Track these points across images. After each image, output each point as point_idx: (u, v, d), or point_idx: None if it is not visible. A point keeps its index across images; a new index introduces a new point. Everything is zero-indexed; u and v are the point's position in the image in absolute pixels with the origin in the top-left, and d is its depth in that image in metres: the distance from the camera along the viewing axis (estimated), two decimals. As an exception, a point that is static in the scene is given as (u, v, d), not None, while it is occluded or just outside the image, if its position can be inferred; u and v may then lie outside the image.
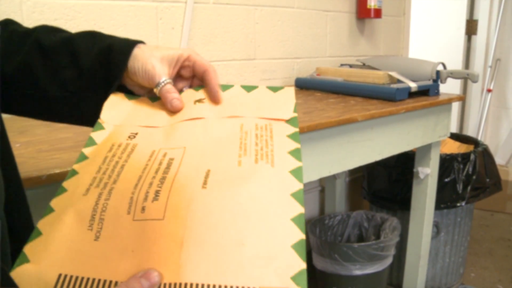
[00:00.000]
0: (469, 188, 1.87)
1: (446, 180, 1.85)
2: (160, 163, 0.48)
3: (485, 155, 1.94)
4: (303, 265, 0.40)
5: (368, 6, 2.10)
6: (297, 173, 0.49)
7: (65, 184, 0.48)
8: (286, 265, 0.40)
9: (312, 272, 1.91)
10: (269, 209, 0.44)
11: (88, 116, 0.61)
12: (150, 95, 0.62)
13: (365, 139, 1.33)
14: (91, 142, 0.54)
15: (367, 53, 2.28)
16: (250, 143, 0.51)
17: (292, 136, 0.53)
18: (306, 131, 1.09)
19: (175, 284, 0.39)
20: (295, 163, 0.50)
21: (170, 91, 0.58)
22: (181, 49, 0.60)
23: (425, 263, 1.86)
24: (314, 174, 1.20)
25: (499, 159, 3.20)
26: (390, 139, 1.43)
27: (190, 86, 0.64)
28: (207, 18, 1.61)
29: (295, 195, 0.45)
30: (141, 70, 0.57)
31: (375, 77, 1.58)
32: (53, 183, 0.74)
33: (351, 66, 1.87)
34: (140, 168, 0.47)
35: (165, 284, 0.39)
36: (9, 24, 0.61)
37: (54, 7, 1.27)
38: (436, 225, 1.91)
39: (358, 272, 1.71)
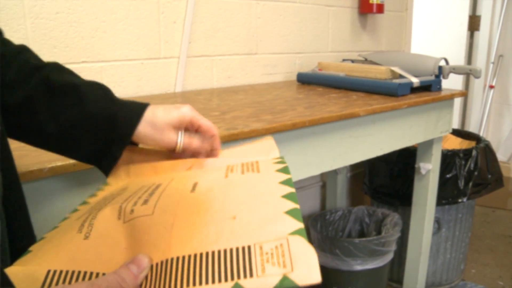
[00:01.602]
0: (470, 184, 1.87)
1: (448, 176, 1.85)
2: (149, 187, 0.50)
3: (487, 151, 1.94)
4: (301, 225, 0.39)
5: (371, 1, 2.09)
6: (288, 182, 0.48)
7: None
8: (282, 225, 0.39)
9: (313, 267, 1.91)
10: (261, 192, 0.44)
11: (77, 156, 0.60)
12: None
13: (367, 134, 1.33)
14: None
15: (369, 48, 2.28)
16: (236, 169, 0.52)
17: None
18: (308, 125, 1.09)
19: (166, 261, 0.38)
20: (284, 176, 0.49)
21: (191, 144, 0.60)
22: (180, 109, 0.59)
23: (426, 259, 1.86)
24: (315, 168, 1.20)
25: (501, 156, 3.19)
26: (392, 134, 1.43)
27: None
28: (209, 12, 1.61)
29: (287, 196, 0.44)
30: (150, 141, 0.58)
31: (377, 72, 1.58)
32: (55, 176, 0.74)
33: (353, 61, 1.86)
34: (125, 198, 0.48)
35: (157, 264, 0.39)
36: (24, 52, 0.60)
37: (55, 0, 1.27)
38: (437, 221, 1.91)
39: (359, 267, 1.71)
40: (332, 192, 2.17)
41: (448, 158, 1.84)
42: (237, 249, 0.38)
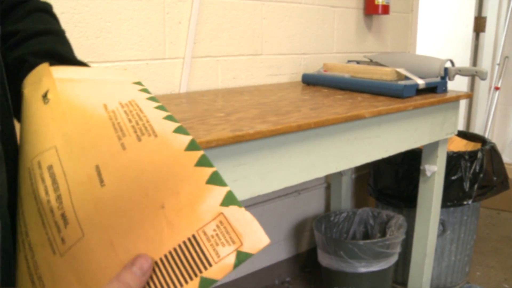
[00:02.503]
0: (476, 186, 1.86)
1: (453, 178, 1.84)
2: (43, 180, 0.42)
3: (493, 153, 1.93)
4: (225, 189, 0.39)
5: (376, 2, 2.08)
6: (180, 129, 0.45)
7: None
8: (211, 199, 0.38)
9: (318, 269, 1.91)
10: (172, 167, 0.41)
11: None
12: None
13: (372, 136, 1.32)
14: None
15: (375, 49, 2.27)
16: (123, 122, 0.45)
17: (150, 98, 0.48)
18: (314, 127, 1.08)
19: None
20: (174, 125, 0.45)
21: None
22: None
23: (431, 261, 1.85)
24: (321, 170, 1.20)
25: (507, 158, 3.18)
26: (397, 136, 1.42)
27: None
28: (214, 13, 1.60)
29: (200, 163, 0.42)
30: None
31: (382, 74, 1.57)
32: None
33: (358, 62, 1.86)
34: (32, 198, 0.43)
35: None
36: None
37: (61, 0, 1.27)
38: (442, 223, 1.90)
39: (363, 269, 1.70)
40: (336, 193, 2.17)
41: (454, 160, 1.83)
42: (185, 243, 0.37)
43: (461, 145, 2.17)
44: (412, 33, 2.49)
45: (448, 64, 1.62)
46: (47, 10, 0.63)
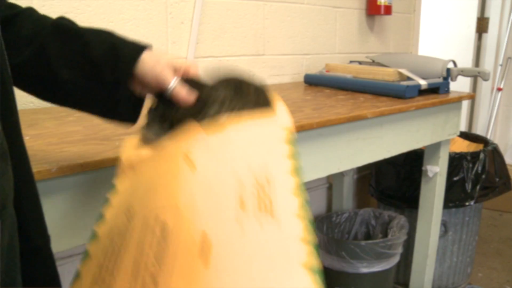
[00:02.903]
0: (478, 187, 1.86)
1: (455, 179, 1.84)
2: (153, 233, 0.43)
3: (495, 154, 1.92)
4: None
5: (378, 3, 2.08)
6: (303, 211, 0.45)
7: (81, 268, 0.49)
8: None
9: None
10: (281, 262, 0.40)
11: (96, 106, 0.66)
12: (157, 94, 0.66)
13: (374, 136, 1.32)
14: (102, 216, 0.54)
15: (377, 50, 2.27)
16: (249, 209, 0.44)
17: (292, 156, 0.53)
18: (316, 127, 1.09)
19: None
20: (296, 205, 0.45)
21: (180, 92, 0.63)
22: (187, 61, 0.67)
23: (433, 262, 1.85)
24: (322, 170, 1.20)
25: (509, 159, 3.17)
26: (399, 137, 1.42)
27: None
28: (217, 13, 1.61)
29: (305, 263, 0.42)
30: (150, 74, 0.62)
31: (384, 74, 1.57)
32: (63, 176, 0.74)
33: (360, 63, 1.86)
34: (134, 247, 0.43)
35: None
36: (35, 11, 0.66)
37: (64, 0, 1.27)
38: (444, 224, 1.90)
39: (365, 270, 1.70)
40: (338, 194, 2.16)
41: (456, 161, 1.83)
42: None
43: (463, 146, 2.16)
44: (414, 33, 2.49)
45: (450, 65, 1.62)
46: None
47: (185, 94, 0.62)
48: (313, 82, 1.76)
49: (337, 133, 1.20)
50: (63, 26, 0.62)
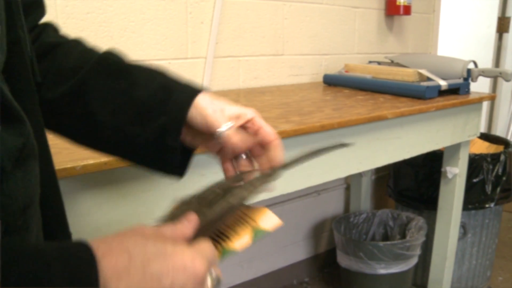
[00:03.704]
0: (498, 189, 1.84)
1: (475, 180, 1.82)
2: None
3: (516, 156, 1.90)
4: None
5: (398, 3, 2.07)
6: None
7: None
8: None
9: (336, 270, 1.90)
10: None
11: (140, 155, 0.57)
12: (206, 146, 0.58)
13: (394, 137, 1.32)
14: None
15: (396, 50, 2.25)
16: None
17: None
18: (337, 127, 1.09)
19: None
20: None
21: (234, 137, 0.54)
22: (244, 107, 0.56)
23: (451, 264, 1.83)
24: (342, 171, 1.20)
25: (529, 161, 3.12)
26: (419, 138, 1.41)
27: (247, 156, 0.58)
28: (236, 13, 1.61)
29: None
30: (199, 116, 0.53)
31: (404, 75, 1.56)
32: (87, 173, 0.76)
33: (379, 63, 1.85)
34: None
35: None
36: (83, 42, 0.61)
37: (86, 0, 1.28)
38: (463, 226, 1.88)
39: (382, 271, 1.69)
40: (356, 194, 2.16)
41: (475, 162, 1.81)
42: None
43: (483, 148, 2.14)
44: (434, 34, 2.47)
45: (471, 65, 1.61)
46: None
47: (237, 141, 0.53)
48: (332, 82, 1.76)
49: (357, 134, 1.20)
50: (109, 60, 0.56)
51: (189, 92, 0.54)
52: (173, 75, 0.57)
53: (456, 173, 1.68)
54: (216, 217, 0.49)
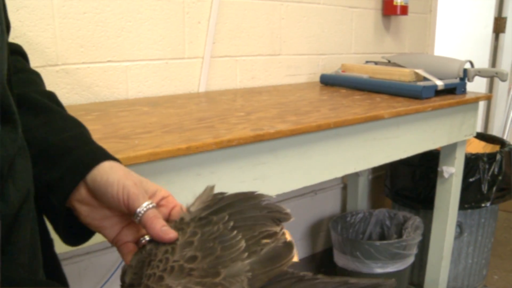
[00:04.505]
0: (494, 188, 1.84)
1: (471, 180, 1.83)
2: None
3: (512, 155, 1.91)
4: None
5: (395, 3, 2.08)
6: None
7: None
8: None
9: (333, 269, 1.91)
10: None
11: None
12: (101, 225, 0.49)
13: (391, 137, 1.32)
14: None
15: (393, 50, 2.26)
16: None
17: None
18: (333, 127, 1.09)
19: None
20: None
21: (158, 217, 0.46)
22: (158, 185, 0.50)
23: (448, 264, 1.84)
24: (339, 170, 1.20)
25: (525, 160, 3.14)
26: (416, 137, 1.42)
27: (151, 241, 0.47)
28: (233, 13, 1.61)
29: None
30: (116, 186, 0.46)
31: (401, 75, 1.57)
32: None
33: (376, 63, 1.85)
34: None
35: None
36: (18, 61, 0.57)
37: (83, 0, 1.29)
38: (459, 225, 1.89)
39: (379, 270, 1.70)
40: (353, 194, 2.16)
41: (472, 162, 1.82)
42: None
43: (479, 147, 2.15)
44: (431, 34, 2.48)
45: (467, 65, 1.61)
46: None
47: (161, 225, 0.45)
48: (329, 82, 1.76)
49: (354, 133, 1.20)
50: (35, 97, 0.52)
51: (100, 154, 0.48)
52: (89, 135, 0.52)
53: (452, 173, 1.69)
54: None
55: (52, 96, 0.55)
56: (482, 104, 3.29)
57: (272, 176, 1.02)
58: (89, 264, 1.43)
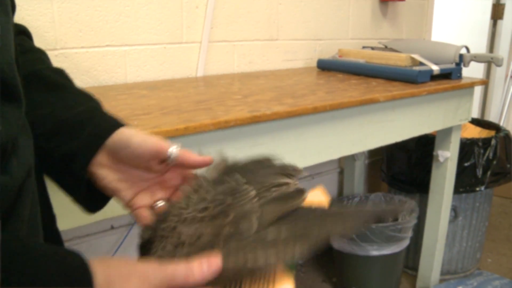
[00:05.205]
0: (489, 173, 1.87)
1: (466, 164, 1.85)
2: None
3: (507, 140, 1.93)
4: None
5: (392, -11, 2.08)
6: None
7: None
8: None
9: (329, 252, 1.94)
10: None
11: (45, 168, 0.52)
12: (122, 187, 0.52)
13: (386, 120, 1.34)
14: None
15: (390, 36, 2.27)
16: None
17: None
18: (329, 109, 1.11)
19: None
20: None
21: (187, 152, 0.51)
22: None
23: (442, 247, 1.87)
24: (335, 152, 1.22)
25: (521, 146, 3.16)
26: (411, 121, 1.44)
27: (168, 200, 0.53)
28: (231, -2, 1.62)
29: None
30: (144, 144, 0.50)
31: (397, 59, 1.58)
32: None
33: (373, 48, 1.86)
34: None
35: None
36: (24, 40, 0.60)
37: (82, -16, 1.29)
38: (454, 209, 1.92)
39: (375, 252, 1.73)
40: (349, 178, 2.19)
41: (467, 147, 1.84)
42: None
43: (475, 133, 2.17)
44: (428, 20, 2.48)
45: (463, 51, 1.63)
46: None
47: (196, 155, 0.51)
48: (326, 67, 1.78)
49: (350, 116, 1.22)
50: (48, 74, 0.55)
51: (114, 123, 0.52)
52: (103, 107, 0.55)
53: (447, 157, 1.71)
54: (240, 271, 0.41)
55: (62, 73, 0.57)
56: (479, 91, 3.30)
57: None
58: (89, 246, 1.46)
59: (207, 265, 0.40)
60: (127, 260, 0.40)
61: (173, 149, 0.50)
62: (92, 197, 0.53)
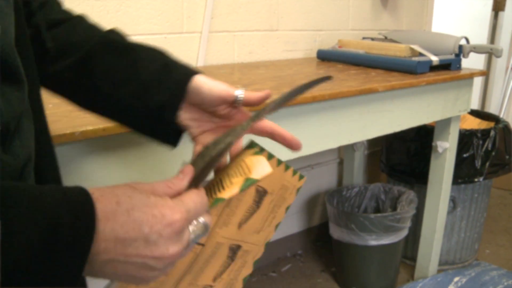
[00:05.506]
0: (487, 164, 1.88)
1: (465, 155, 1.86)
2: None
3: (506, 132, 1.94)
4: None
5: (393, -21, 2.08)
6: None
7: None
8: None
9: (328, 242, 1.95)
10: None
11: (137, 124, 0.62)
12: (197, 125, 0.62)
13: (385, 110, 1.35)
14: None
15: (390, 27, 2.27)
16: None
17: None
18: (328, 98, 1.11)
19: None
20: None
21: (251, 92, 0.60)
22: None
23: (440, 237, 1.88)
24: (333, 141, 1.23)
25: (520, 138, 3.16)
26: (410, 111, 1.45)
27: None
28: (231, -12, 1.63)
29: None
30: (215, 90, 0.58)
31: (396, 50, 1.59)
32: (86, 139, 0.78)
33: (373, 39, 1.87)
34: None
35: None
36: (86, 18, 0.64)
37: (83, -26, 1.30)
38: (452, 200, 1.93)
39: (373, 242, 1.74)
40: (349, 169, 2.20)
41: (466, 138, 1.85)
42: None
43: (475, 124, 2.17)
44: (428, 11, 2.48)
45: (463, 42, 1.63)
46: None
47: (258, 92, 0.60)
48: (326, 57, 1.78)
49: (349, 106, 1.23)
50: (114, 38, 0.60)
51: (188, 72, 0.59)
52: (172, 56, 0.62)
53: (446, 148, 1.71)
54: (205, 166, 0.50)
55: (121, 34, 0.62)
56: (479, 82, 3.30)
57: (268, 145, 1.05)
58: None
59: (181, 174, 0.48)
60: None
61: (239, 92, 0.59)
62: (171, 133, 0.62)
